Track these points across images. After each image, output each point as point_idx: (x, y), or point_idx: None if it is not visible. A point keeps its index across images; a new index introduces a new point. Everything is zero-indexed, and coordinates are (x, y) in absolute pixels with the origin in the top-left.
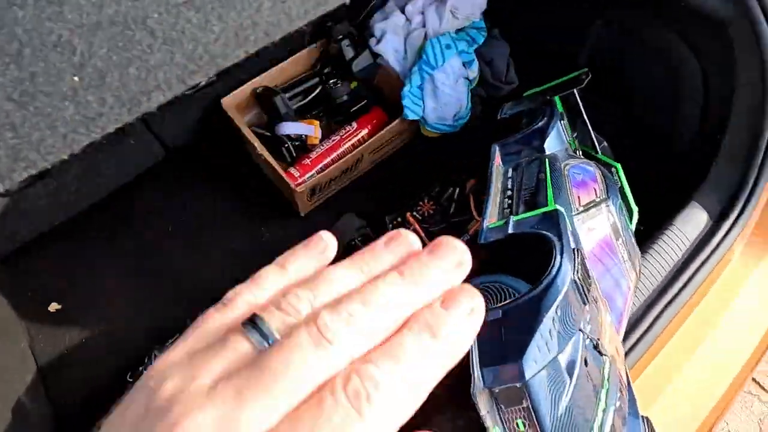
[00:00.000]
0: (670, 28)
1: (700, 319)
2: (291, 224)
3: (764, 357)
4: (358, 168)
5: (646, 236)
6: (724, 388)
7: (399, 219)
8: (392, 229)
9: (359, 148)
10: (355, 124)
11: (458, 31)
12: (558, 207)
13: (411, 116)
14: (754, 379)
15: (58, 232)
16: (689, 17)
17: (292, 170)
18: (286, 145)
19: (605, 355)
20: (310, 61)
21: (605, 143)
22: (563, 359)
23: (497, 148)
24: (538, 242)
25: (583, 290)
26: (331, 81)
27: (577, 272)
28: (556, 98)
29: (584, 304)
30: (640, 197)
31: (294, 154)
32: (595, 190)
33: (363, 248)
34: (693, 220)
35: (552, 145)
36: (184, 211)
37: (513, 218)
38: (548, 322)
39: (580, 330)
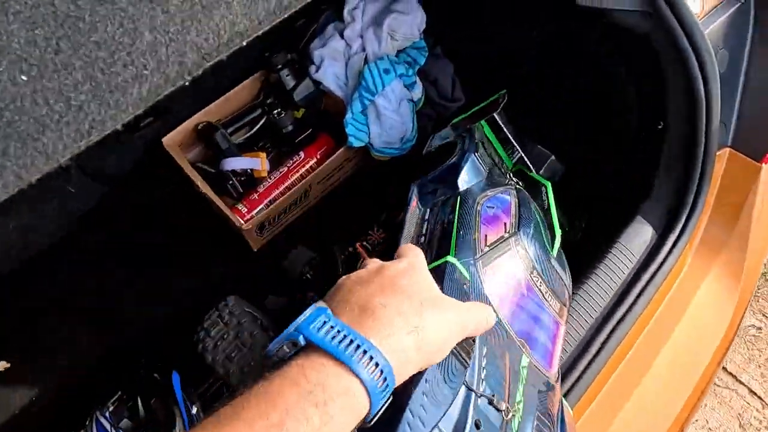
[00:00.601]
0: (603, 41)
1: (654, 333)
2: (243, 260)
3: (739, 350)
4: (308, 198)
5: (595, 252)
6: (685, 399)
7: (350, 249)
8: (343, 261)
9: (307, 179)
10: (302, 154)
11: (399, 52)
12: (449, 259)
13: (356, 143)
14: (731, 374)
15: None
16: (618, 31)
17: (239, 206)
18: (231, 182)
19: (501, 411)
20: (253, 92)
21: (553, 157)
22: (447, 426)
23: (414, 189)
24: None
25: (461, 356)
26: (275, 111)
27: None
28: (483, 123)
29: (464, 367)
30: (591, 208)
31: (241, 190)
32: (505, 224)
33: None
34: (638, 235)
35: (467, 179)
36: (131, 256)
37: None
38: (418, 398)
39: (470, 390)
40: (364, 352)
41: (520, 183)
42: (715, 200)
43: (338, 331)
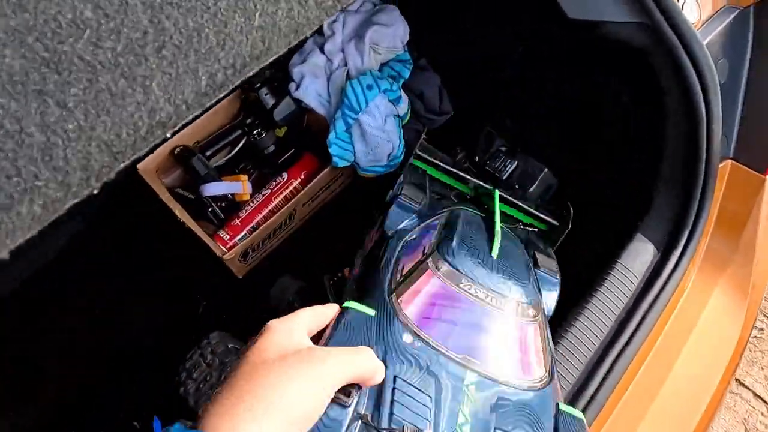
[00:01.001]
0: (594, 50)
1: (662, 354)
2: (228, 288)
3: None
4: (294, 221)
5: (594, 271)
6: (698, 419)
7: (338, 275)
8: (330, 288)
9: (292, 201)
10: (285, 175)
11: (382, 65)
12: (346, 305)
13: (341, 164)
14: (736, 378)
15: None
16: (610, 43)
17: (221, 233)
18: (211, 209)
19: None
20: (231, 112)
21: (546, 170)
22: None
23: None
24: None
25: (339, 399)
26: (255, 131)
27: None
28: (415, 161)
29: (343, 407)
30: (589, 227)
31: (222, 216)
32: (423, 248)
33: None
34: (640, 254)
35: (394, 221)
36: (111, 287)
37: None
38: None
39: (368, 424)
40: None
41: (471, 206)
42: (718, 214)
43: None
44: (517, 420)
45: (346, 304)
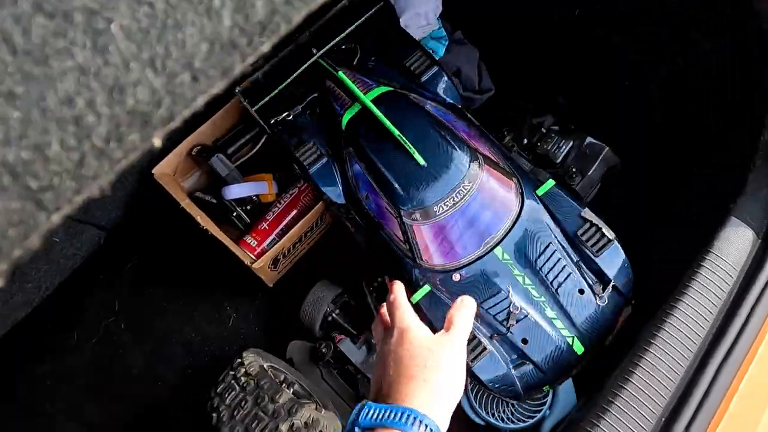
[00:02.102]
0: (687, 11)
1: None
2: (259, 299)
3: None
4: (326, 221)
5: (684, 263)
6: None
7: (378, 280)
8: (371, 295)
9: (319, 204)
10: None
11: None
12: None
13: None
14: None
15: None
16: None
17: (248, 239)
18: (236, 214)
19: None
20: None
21: (608, 149)
22: None
23: None
24: None
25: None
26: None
27: None
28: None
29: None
30: (671, 213)
31: (248, 220)
32: (389, 210)
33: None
34: (736, 240)
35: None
36: (134, 301)
37: None
38: None
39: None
40: (415, 418)
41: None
42: None
43: (390, 411)
44: (538, 232)
45: (414, 297)
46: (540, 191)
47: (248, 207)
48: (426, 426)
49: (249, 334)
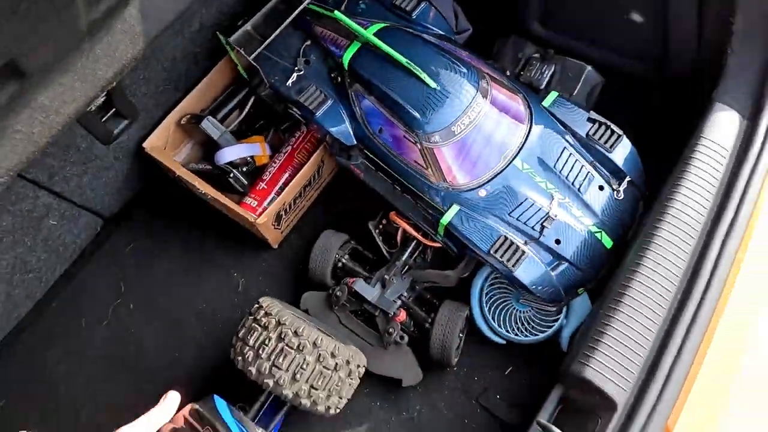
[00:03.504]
0: None
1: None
2: (265, 260)
3: None
4: (322, 175)
5: (674, 153)
6: None
7: (383, 221)
8: (379, 236)
9: (316, 153)
10: (304, 128)
11: None
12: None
13: None
14: None
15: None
16: None
17: (248, 200)
18: (232, 175)
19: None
20: (231, 73)
21: (590, 68)
22: None
23: None
24: None
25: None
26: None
27: None
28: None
29: None
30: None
31: (245, 182)
32: (407, 138)
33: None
34: (723, 124)
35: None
36: (140, 281)
37: None
38: None
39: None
40: None
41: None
42: None
43: None
44: (552, 139)
45: (444, 219)
46: (546, 102)
47: (244, 169)
48: None
49: (260, 296)
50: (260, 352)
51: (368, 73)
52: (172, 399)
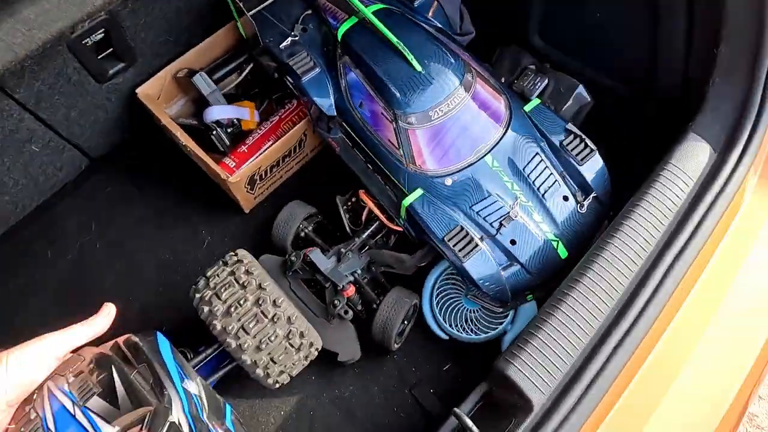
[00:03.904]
0: None
1: (712, 279)
2: (234, 223)
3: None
4: (303, 149)
5: (643, 176)
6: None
7: (352, 199)
8: (346, 211)
9: (298, 125)
10: (296, 102)
11: None
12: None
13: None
14: None
15: None
16: None
17: (227, 160)
18: (215, 132)
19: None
20: (234, 37)
21: (581, 86)
22: None
23: None
24: None
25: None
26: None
27: None
28: None
29: None
30: (635, 129)
31: (227, 142)
32: (384, 114)
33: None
34: (693, 154)
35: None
36: (112, 222)
37: None
38: None
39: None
40: None
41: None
42: None
43: None
44: (526, 143)
45: (406, 201)
46: (527, 107)
47: (229, 130)
48: None
49: (222, 256)
50: (232, 310)
51: (359, 48)
52: (107, 311)
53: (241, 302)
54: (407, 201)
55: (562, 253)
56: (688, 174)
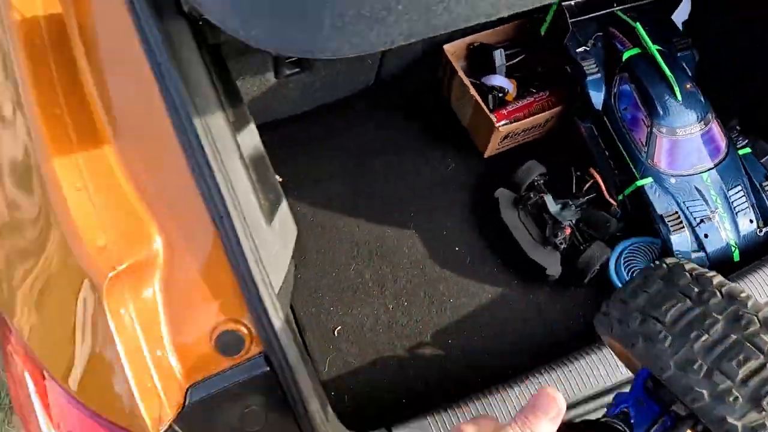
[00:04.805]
0: None
1: None
2: (474, 162)
3: None
4: (544, 127)
5: None
6: None
7: (577, 173)
8: (576, 179)
9: (546, 113)
10: (548, 92)
11: None
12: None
13: None
14: None
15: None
16: None
17: (491, 116)
18: (493, 93)
19: (705, 221)
20: (517, 28)
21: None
22: None
23: None
24: None
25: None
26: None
27: None
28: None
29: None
30: None
31: (495, 104)
32: (643, 121)
33: None
34: None
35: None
36: (382, 136)
37: None
38: None
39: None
40: None
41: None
42: None
43: None
44: (734, 174)
45: (639, 182)
46: (741, 151)
47: (500, 95)
48: None
49: (462, 181)
50: (690, 334)
51: (639, 71)
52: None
53: (705, 324)
54: (640, 182)
55: (736, 257)
56: None
